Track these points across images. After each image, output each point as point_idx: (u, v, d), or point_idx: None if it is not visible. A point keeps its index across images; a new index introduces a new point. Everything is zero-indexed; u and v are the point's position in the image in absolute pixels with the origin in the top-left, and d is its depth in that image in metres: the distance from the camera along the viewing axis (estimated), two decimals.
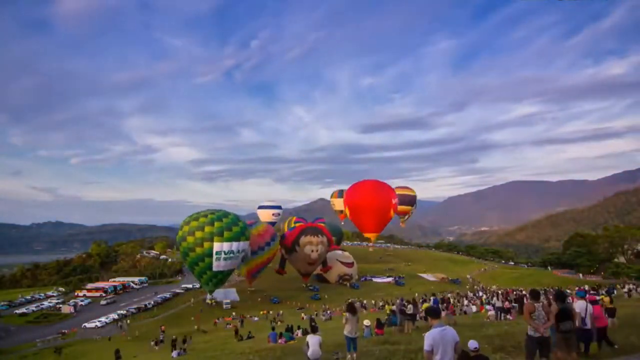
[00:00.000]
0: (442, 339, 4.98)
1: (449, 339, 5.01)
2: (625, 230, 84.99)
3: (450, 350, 4.98)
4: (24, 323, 49.15)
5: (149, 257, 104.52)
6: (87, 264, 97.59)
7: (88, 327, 44.49)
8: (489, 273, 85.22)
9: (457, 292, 52.89)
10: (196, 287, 71.63)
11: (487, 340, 9.90)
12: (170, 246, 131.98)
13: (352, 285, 67.80)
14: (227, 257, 29.64)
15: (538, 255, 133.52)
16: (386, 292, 59.29)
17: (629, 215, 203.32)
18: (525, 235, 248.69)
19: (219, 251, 29.23)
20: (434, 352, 4.97)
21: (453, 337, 5.05)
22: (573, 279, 67.42)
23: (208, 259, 28.64)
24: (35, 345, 37.18)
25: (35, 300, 64.02)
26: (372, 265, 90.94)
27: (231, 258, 30.00)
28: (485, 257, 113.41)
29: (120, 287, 68.87)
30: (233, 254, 30.08)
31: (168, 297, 62.43)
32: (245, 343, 23.47)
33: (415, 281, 73.13)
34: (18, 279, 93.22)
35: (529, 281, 67.77)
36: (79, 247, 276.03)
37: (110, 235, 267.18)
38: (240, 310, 51.36)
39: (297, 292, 63.83)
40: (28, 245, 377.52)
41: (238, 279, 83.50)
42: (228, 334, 31.86)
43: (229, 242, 29.23)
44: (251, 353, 14.06)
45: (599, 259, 78.57)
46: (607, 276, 67.99)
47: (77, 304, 56.47)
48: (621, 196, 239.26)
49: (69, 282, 78.81)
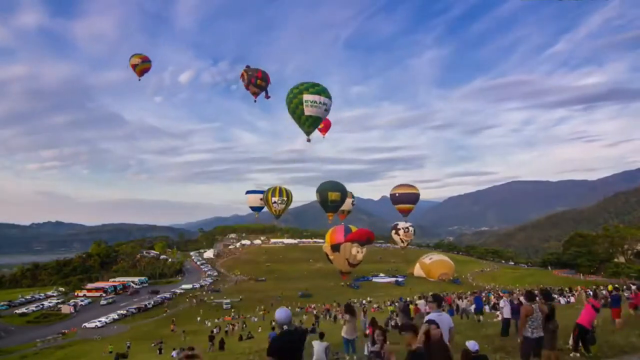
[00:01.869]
0: (439, 323, 5.44)
1: (444, 323, 5.51)
2: (625, 230, 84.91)
3: (446, 333, 5.45)
4: (24, 323, 49.18)
5: (149, 257, 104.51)
6: (87, 264, 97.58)
7: (88, 327, 44.52)
8: (489, 273, 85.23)
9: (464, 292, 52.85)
10: (196, 287, 71.73)
11: (487, 340, 9.91)
12: (170, 246, 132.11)
13: (351, 286, 67.87)
14: (314, 105, 39.41)
15: (538, 255, 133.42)
16: (386, 292, 59.33)
17: (629, 215, 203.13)
18: (525, 235, 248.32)
19: (307, 100, 39.42)
20: None
21: (448, 322, 5.60)
22: (573, 279, 67.45)
23: (301, 106, 38.50)
24: (36, 345, 37.15)
25: (35, 300, 64.06)
26: (372, 265, 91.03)
27: (317, 106, 39.84)
28: (485, 257, 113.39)
29: (120, 287, 68.95)
30: (317, 103, 40.10)
31: (168, 297, 62.50)
32: (245, 343, 23.50)
33: (416, 281, 73.19)
34: (18, 279, 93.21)
35: (529, 281, 67.71)
36: (79, 247, 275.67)
37: (110, 235, 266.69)
38: (239, 311, 51.43)
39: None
40: (28, 245, 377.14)
41: (238, 279, 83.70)
42: (224, 334, 31.88)
43: (314, 95, 39.39)
44: (251, 353, 14.08)
45: (599, 259, 78.50)
46: (606, 276, 68.02)
47: (77, 304, 56.51)
48: (621, 196, 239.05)
49: (69, 282, 78.81)
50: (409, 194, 64.81)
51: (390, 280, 73.94)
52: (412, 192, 66.28)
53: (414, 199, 66.08)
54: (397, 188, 63.84)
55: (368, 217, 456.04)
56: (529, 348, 6.58)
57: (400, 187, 62.87)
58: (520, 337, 6.98)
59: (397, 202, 61.22)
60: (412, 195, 66.29)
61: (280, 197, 56.95)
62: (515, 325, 10.18)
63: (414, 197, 66.19)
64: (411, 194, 65.69)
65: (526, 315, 6.57)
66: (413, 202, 65.88)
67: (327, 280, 74.60)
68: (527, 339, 6.56)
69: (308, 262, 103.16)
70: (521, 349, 6.88)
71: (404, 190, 63.66)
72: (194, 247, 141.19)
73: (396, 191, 62.55)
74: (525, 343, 6.65)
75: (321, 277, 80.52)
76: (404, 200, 60.98)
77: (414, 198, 66.14)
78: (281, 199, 56.78)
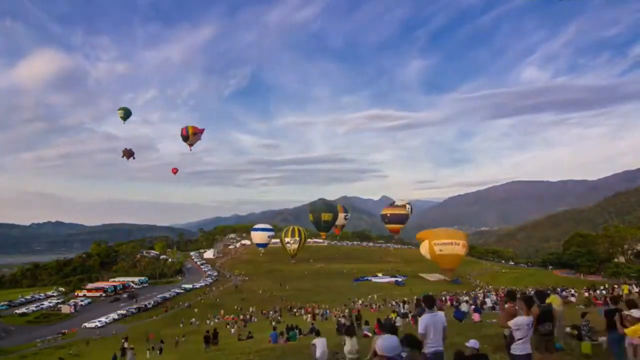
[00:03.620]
0: (434, 322, 5.67)
1: (438, 322, 5.70)
2: (625, 230, 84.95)
3: (440, 332, 5.67)
4: (24, 323, 49.10)
5: (149, 257, 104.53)
6: (87, 264, 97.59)
7: (88, 327, 44.51)
8: (489, 273, 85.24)
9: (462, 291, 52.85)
10: (196, 287, 71.72)
11: (487, 340, 9.91)
12: (170, 246, 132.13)
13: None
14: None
15: (538, 255, 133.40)
16: (386, 292, 59.33)
17: (629, 215, 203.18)
18: (525, 235, 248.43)
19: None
20: (427, 334, 5.63)
21: (442, 322, 5.76)
22: (573, 279, 67.48)
23: None
24: (36, 345, 37.14)
25: (35, 300, 64.04)
26: (372, 265, 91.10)
27: None
28: (485, 257, 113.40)
29: (120, 287, 68.90)
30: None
31: (168, 297, 62.50)
32: (245, 343, 23.47)
33: (416, 281, 73.18)
34: (18, 279, 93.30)
35: (529, 281, 67.75)
36: (79, 247, 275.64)
37: (110, 235, 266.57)
38: (240, 310, 51.40)
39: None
40: (28, 245, 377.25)
41: (238, 279, 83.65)
42: (224, 334, 31.84)
43: None
44: (251, 353, 14.08)
45: (599, 259, 78.53)
46: (606, 276, 68.04)
47: (77, 304, 56.49)
48: (621, 196, 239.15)
49: (69, 282, 78.82)
50: (398, 214, 68.29)
51: (390, 280, 73.94)
52: (401, 213, 69.61)
53: (402, 219, 69.63)
54: (387, 209, 67.70)
55: (368, 217, 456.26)
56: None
57: (390, 208, 66.84)
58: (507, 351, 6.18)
59: (387, 222, 65.93)
60: (401, 216, 69.76)
61: (292, 237, 60.17)
62: None
63: (402, 218, 69.43)
64: (400, 215, 68.96)
65: (508, 315, 6.01)
66: (402, 222, 70.05)
67: (328, 280, 74.67)
68: (515, 357, 5.70)
69: (308, 262, 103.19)
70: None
71: (394, 211, 67.39)
72: (194, 247, 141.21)
73: (386, 212, 66.67)
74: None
75: (321, 277, 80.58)
76: (393, 220, 65.42)
77: (402, 218, 69.52)
78: (294, 239, 59.93)
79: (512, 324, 5.74)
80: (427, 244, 49.14)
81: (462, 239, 49.90)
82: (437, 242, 48.26)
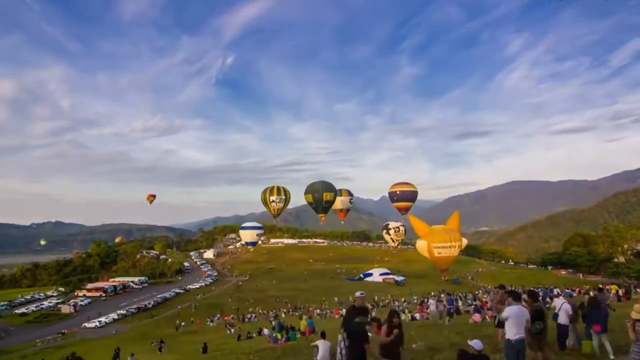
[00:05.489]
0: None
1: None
2: (625, 230, 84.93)
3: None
4: (24, 323, 49.08)
5: (149, 257, 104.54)
6: (87, 264, 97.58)
7: (88, 327, 44.49)
8: (489, 273, 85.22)
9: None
10: (196, 288, 71.74)
11: (487, 341, 9.90)
12: (170, 246, 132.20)
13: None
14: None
15: (538, 255, 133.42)
16: (386, 292, 59.31)
17: (629, 215, 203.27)
18: (525, 235, 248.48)
19: None
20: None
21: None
22: (573, 279, 67.46)
23: None
24: (35, 345, 37.13)
25: (35, 300, 64.04)
26: (372, 265, 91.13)
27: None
28: (485, 257, 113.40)
29: (120, 287, 68.88)
30: None
31: (168, 297, 62.48)
32: (245, 343, 23.47)
33: (416, 281, 73.17)
34: (18, 279, 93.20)
35: (529, 281, 67.71)
36: (79, 247, 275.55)
37: (110, 235, 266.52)
38: (240, 310, 51.36)
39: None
40: (28, 245, 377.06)
41: (238, 279, 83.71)
42: (224, 334, 31.91)
43: None
44: (251, 353, 14.08)
45: (599, 259, 78.54)
46: (606, 276, 68.06)
47: (77, 304, 56.47)
48: (621, 196, 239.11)
49: (69, 282, 78.83)
50: (407, 191, 66.10)
51: (387, 277, 73.89)
52: (410, 190, 67.52)
53: (412, 197, 67.60)
54: (395, 186, 64.96)
55: (368, 217, 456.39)
56: (511, 352, 6.18)
57: (399, 185, 64.00)
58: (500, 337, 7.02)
59: (395, 200, 61.97)
60: (411, 193, 67.80)
61: (278, 196, 56.18)
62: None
63: (412, 195, 67.75)
64: (409, 192, 66.98)
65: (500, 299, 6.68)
66: (412, 199, 67.31)
67: (328, 280, 74.71)
68: (509, 341, 6.22)
69: (308, 262, 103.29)
70: (506, 352, 6.41)
71: (403, 188, 64.84)
72: (194, 247, 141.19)
73: (395, 189, 63.47)
74: (507, 346, 6.29)
75: (321, 277, 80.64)
76: (402, 198, 62.27)
77: (412, 196, 67.68)
78: (279, 198, 55.99)
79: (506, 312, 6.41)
80: (426, 245, 49.08)
81: (458, 241, 49.95)
82: (436, 246, 48.25)
